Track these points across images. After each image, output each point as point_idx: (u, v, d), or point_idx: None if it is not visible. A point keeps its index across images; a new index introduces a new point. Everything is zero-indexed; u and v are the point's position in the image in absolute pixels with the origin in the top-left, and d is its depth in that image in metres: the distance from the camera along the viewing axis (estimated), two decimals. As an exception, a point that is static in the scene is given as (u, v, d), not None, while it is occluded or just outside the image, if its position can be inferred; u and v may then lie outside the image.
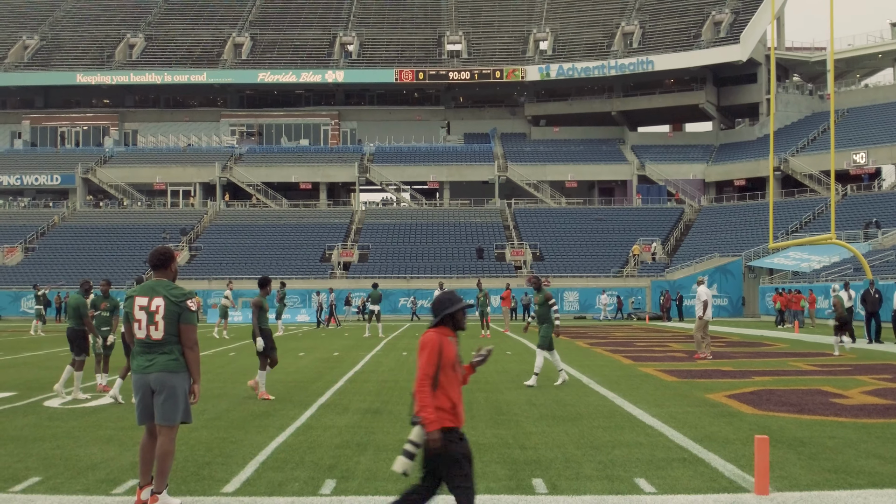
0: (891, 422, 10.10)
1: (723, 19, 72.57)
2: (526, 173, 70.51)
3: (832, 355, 20.58)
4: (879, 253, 46.86)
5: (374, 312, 31.81)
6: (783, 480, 6.99)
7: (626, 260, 58.09)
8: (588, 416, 10.79)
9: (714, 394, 12.87)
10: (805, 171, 65.08)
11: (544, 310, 14.66)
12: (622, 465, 7.71)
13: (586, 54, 75.09)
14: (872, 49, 77.29)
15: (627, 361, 19.13)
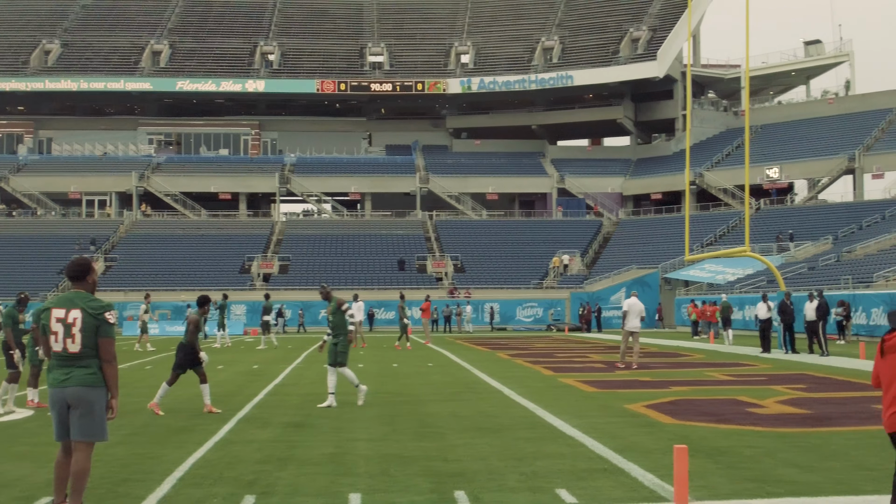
0: (807, 431, 10.34)
1: (640, 36, 73.89)
2: (448, 185, 70.74)
3: (748, 365, 21.02)
4: (792, 265, 48.11)
5: (267, 323, 31.84)
6: (703, 490, 7.10)
7: (547, 272, 58.63)
8: (511, 427, 10.83)
9: (634, 404, 13.03)
10: (720, 186, 66.55)
11: (339, 318, 13.82)
12: (545, 477, 7.75)
13: (507, 68, 75.73)
14: (786, 67, 79.48)
15: (548, 372, 19.27)
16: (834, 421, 11.08)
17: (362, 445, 9.52)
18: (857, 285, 38.06)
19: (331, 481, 7.69)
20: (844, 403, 13.05)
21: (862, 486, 7.21)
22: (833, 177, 64.80)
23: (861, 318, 34.84)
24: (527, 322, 52.57)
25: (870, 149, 64.07)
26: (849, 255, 47.16)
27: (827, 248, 51.68)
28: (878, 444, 9.18)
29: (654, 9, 76.37)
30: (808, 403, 13.05)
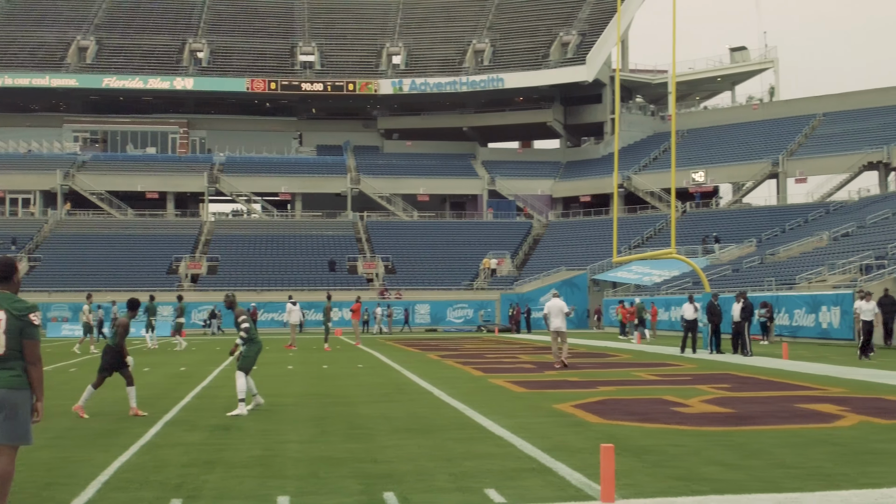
0: (730, 430, 10.54)
1: (570, 40, 74.61)
2: (379, 186, 70.64)
3: (674, 365, 21.36)
4: (717, 267, 49.00)
5: (181, 326, 31.55)
6: (629, 488, 7.20)
7: (477, 273, 58.88)
8: (441, 428, 10.87)
9: (562, 404, 13.16)
10: (647, 189, 67.52)
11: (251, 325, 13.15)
12: (474, 477, 7.79)
13: (439, 70, 75.91)
14: (712, 73, 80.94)
15: (478, 373, 19.36)
16: (757, 420, 11.31)
17: (291, 448, 9.47)
18: (780, 287, 38.92)
19: (259, 484, 7.64)
20: (767, 403, 13.34)
21: (783, 483, 7.38)
22: (757, 181, 66.18)
23: (784, 319, 35.63)
24: (457, 323, 52.76)
25: (793, 154, 65.56)
26: (772, 257, 48.19)
27: (751, 250, 52.74)
28: (800, 443, 9.42)
29: (584, 13, 77.19)
30: (731, 403, 13.31)
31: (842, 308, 32.17)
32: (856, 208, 55.49)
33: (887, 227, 45.09)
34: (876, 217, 48.46)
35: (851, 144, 63.43)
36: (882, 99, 69.19)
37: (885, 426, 10.64)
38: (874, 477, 7.55)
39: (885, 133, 63.19)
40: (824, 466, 8.08)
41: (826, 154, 63.68)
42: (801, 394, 14.60)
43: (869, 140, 63.07)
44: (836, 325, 32.50)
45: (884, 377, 17.37)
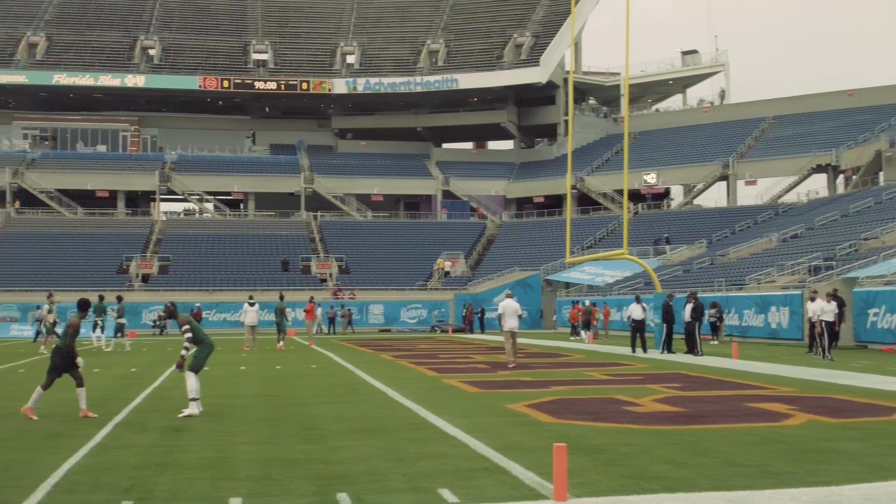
0: (681, 428, 10.66)
1: (524, 42, 74.92)
2: (333, 186, 70.39)
3: (625, 365, 21.54)
4: (668, 268, 49.49)
5: (122, 326, 31.19)
6: (581, 487, 7.26)
7: (431, 273, 58.91)
8: (395, 428, 10.86)
9: (515, 404, 13.21)
10: (600, 190, 68.00)
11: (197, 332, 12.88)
12: (427, 477, 7.80)
13: (393, 70, 75.82)
14: (664, 76, 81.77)
15: (432, 373, 19.37)
16: (707, 419, 11.44)
17: (244, 449, 9.41)
18: (729, 287, 39.41)
19: (211, 486, 7.58)
20: (717, 402, 13.50)
21: (733, 481, 7.48)
22: (708, 183, 66.95)
23: (733, 319, 36.10)
24: (411, 323, 52.73)
25: (743, 156, 66.40)
26: (722, 258, 48.77)
27: (701, 251, 53.34)
28: (749, 441, 9.55)
29: (538, 15, 77.55)
30: (682, 402, 13.46)
31: (790, 308, 32.68)
32: (804, 210, 56.36)
33: (835, 229, 45.86)
34: (824, 219, 49.26)
35: (800, 147, 64.40)
36: (830, 103, 70.36)
37: (834, 425, 10.82)
38: (823, 475, 7.68)
39: (833, 136, 64.24)
40: (774, 465, 8.20)
41: (775, 157, 64.58)
42: (750, 393, 14.79)
43: (817, 143, 64.07)
44: (784, 326, 33.00)
45: (832, 376, 17.66)
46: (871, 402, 13.19)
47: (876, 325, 27.57)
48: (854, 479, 7.49)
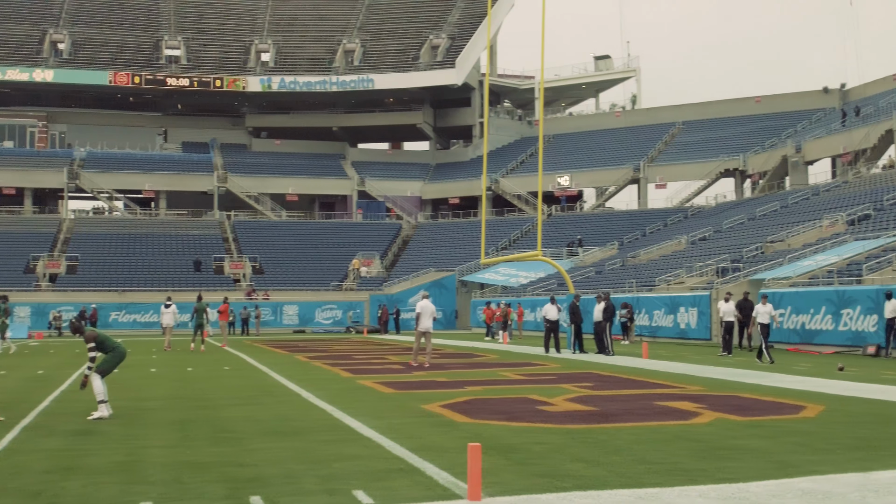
0: (593, 427, 10.80)
1: (440, 44, 75.15)
2: (246, 185, 69.60)
3: (539, 365, 21.74)
4: (581, 269, 50.13)
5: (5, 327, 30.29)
6: (495, 486, 7.30)
7: (346, 274, 58.65)
8: (309, 430, 10.78)
9: (430, 404, 13.23)
10: (514, 192, 68.56)
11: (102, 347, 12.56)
12: (342, 479, 7.76)
13: (309, 69, 75.32)
14: (577, 80, 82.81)
15: (347, 374, 19.29)
16: (618, 417, 11.61)
17: (155, 452, 9.24)
18: (640, 288, 40.09)
19: (121, 490, 7.42)
20: (628, 401, 13.72)
21: (643, 478, 7.60)
22: (619, 186, 68.07)
23: (644, 319, 36.74)
24: (326, 324, 52.46)
25: (653, 160, 67.64)
26: (633, 259, 49.59)
27: (613, 253, 54.16)
28: (659, 439, 9.72)
29: (454, 17, 77.85)
30: (594, 401, 13.64)
31: (699, 309, 33.39)
32: (713, 213, 57.68)
33: (742, 232, 47.01)
34: (732, 222, 50.46)
35: (709, 152, 65.87)
36: (738, 109, 72.15)
37: (740, 423, 11.08)
38: (730, 472, 7.85)
39: (740, 141, 65.88)
40: (683, 462, 8.36)
41: (685, 161, 65.97)
42: (660, 392, 15.07)
43: (725, 148, 65.64)
44: (693, 326, 33.71)
45: (738, 375, 18.09)
46: (777, 400, 13.54)
47: (782, 326, 28.33)
48: (761, 475, 7.67)
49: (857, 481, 7.36)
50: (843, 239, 35.04)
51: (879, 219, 37.81)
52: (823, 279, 30.09)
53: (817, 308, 27.27)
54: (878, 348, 24.60)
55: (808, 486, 7.22)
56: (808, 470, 7.88)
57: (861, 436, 9.92)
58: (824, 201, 47.30)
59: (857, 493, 6.88)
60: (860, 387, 15.46)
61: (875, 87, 66.36)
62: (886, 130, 52.72)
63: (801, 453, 8.79)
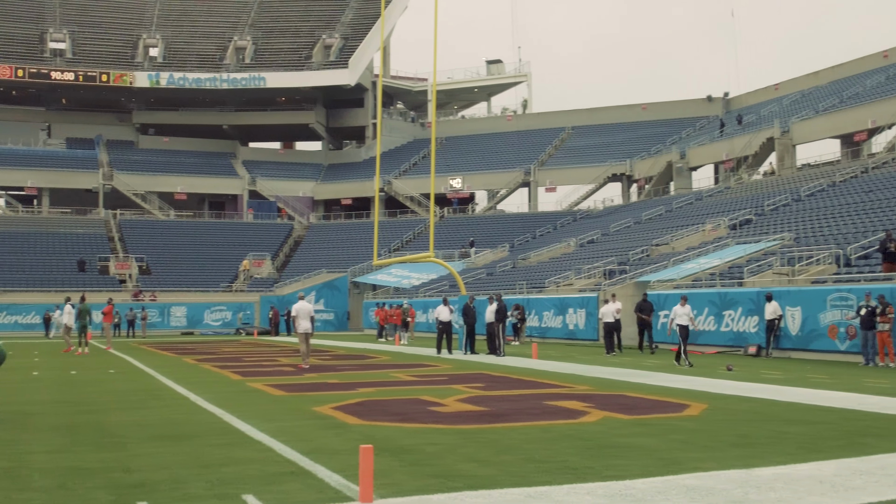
0: (484, 427, 10.90)
1: (333, 43, 74.78)
2: (133, 183, 67.99)
3: (430, 366, 21.84)
4: (472, 271, 50.51)
5: None
6: (387, 487, 7.31)
7: (237, 274, 57.85)
8: (198, 434, 10.61)
9: (321, 406, 13.16)
10: (407, 194, 68.68)
11: None
12: (232, 483, 7.66)
13: (198, 65, 74.00)
14: (470, 84, 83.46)
15: (237, 377, 19.04)
16: (509, 417, 11.74)
17: (38, 458, 8.96)
18: (530, 290, 40.62)
19: (4, 497, 7.18)
20: (518, 400, 13.89)
21: (533, 477, 7.71)
22: (511, 189, 68.85)
23: (534, 320, 37.24)
24: (215, 326, 51.64)
25: (544, 164, 68.64)
26: (524, 261, 50.21)
27: (504, 255, 54.76)
28: (548, 438, 9.87)
29: (347, 17, 77.57)
30: (485, 401, 13.77)
31: (587, 310, 34.02)
32: (600, 217, 58.87)
33: (629, 235, 48.08)
34: (619, 225, 51.57)
35: (597, 157, 67.20)
36: (626, 115, 73.81)
37: (627, 421, 11.34)
38: (617, 469, 8.03)
39: (627, 147, 67.40)
40: (571, 460, 8.51)
41: (574, 165, 67.14)
42: (549, 391, 15.30)
43: (613, 153, 67.05)
44: (581, 327, 34.34)
45: (625, 375, 18.51)
46: (662, 399, 13.90)
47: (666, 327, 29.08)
48: (647, 473, 7.86)
49: (739, 478, 7.61)
50: (726, 243, 36.15)
51: (760, 224, 39.15)
52: (706, 281, 31.00)
53: (700, 309, 28.07)
54: (758, 348, 25.48)
55: (692, 482, 7.43)
56: (692, 467, 8.10)
57: (743, 433, 10.26)
58: (707, 206, 48.74)
59: (740, 490, 7.12)
60: (742, 386, 15.98)
61: (757, 97, 68.77)
62: (767, 138, 54.64)
63: (686, 451, 9.04)
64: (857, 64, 61.63)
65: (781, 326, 24.72)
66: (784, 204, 41.95)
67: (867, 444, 9.36)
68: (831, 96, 56.72)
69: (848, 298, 22.73)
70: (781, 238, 33.22)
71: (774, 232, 35.33)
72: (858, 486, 7.16)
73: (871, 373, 19.00)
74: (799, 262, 28.34)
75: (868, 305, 20.93)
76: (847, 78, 60.36)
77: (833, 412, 12.09)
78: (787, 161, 53.71)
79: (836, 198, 39.20)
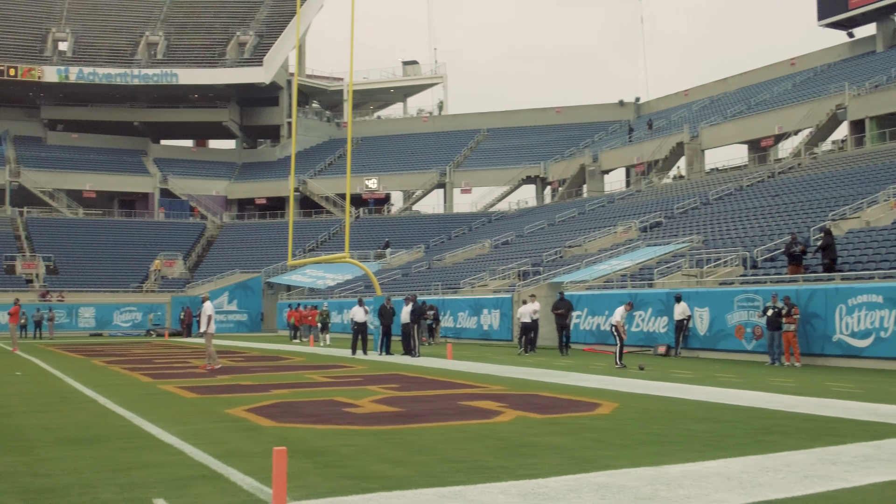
0: (399, 428, 10.92)
1: (248, 41, 73.97)
2: (41, 180, 66.26)
3: (345, 367, 21.78)
4: (388, 272, 50.49)
5: None
6: (301, 490, 7.28)
7: (147, 274, 56.83)
8: (108, 438, 10.41)
9: (234, 408, 13.03)
10: (322, 194, 68.32)
11: None
12: (142, 487, 7.55)
13: (109, 60, 72.47)
14: (386, 84, 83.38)
15: (147, 379, 18.73)
16: (423, 417, 11.79)
17: (-63, 463, 8.71)
18: (445, 291, 40.76)
19: None
20: (433, 401, 13.95)
21: (448, 477, 7.76)
22: (426, 190, 69.01)
23: (449, 321, 37.39)
24: (125, 327, 50.64)
25: (459, 165, 68.96)
26: (439, 262, 50.37)
27: (419, 256, 54.85)
28: (462, 438, 9.94)
29: (262, 15, 76.81)
30: (400, 402, 13.80)
31: (501, 311, 34.30)
32: (515, 218, 59.39)
33: (543, 237, 48.60)
34: (533, 227, 52.09)
35: (512, 159, 67.79)
36: (540, 118, 74.62)
37: (540, 420, 11.48)
38: (530, 468, 8.13)
39: (542, 150, 68.13)
40: (485, 460, 8.58)
41: (489, 167, 67.62)
42: (464, 392, 15.40)
43: (528, 156, 67.72)
44: (496, 327, 34.60)
45: (538, 375, 18.71)
46: (574, 398, 14.10)
47: (578, 327, 29.48)
48: (559, 471, 7.98)
49: (649, 475, 7.78)
50: (636, 245, 36.80)
51: (670, 226, 39.95)
52: (618, 282, 31.53)
53: (612, 310, 28.49)
54: (668, 348, 26.01)
55: (603, 480, 7.56)
56: (603, 465, 8.25)
57: (653, 431, 10.47)
58: (619, 209, 49.55)
59: (650, 487, 7.27)
60: (652, 385, 16.30)
61: (667, 102, 70.20)
62: (677, 143, 55.80)
63: (597, 449, 9.20)
64: (764, 71, 63.37)
65: (690, 327, 25.28)
66: (693, 207, 42.87)
67: (773, 441, 9.63)
68: (739, 103, 58.20)
69: (755, 300, 23.35)
70: (690, 240, 33.95)
71: (684, 234, 36.08)
72: (765, 483, 7.37)
73: (776, 372, 19.55)
74: (707, 263, 29.01)
75: (774, 306, 21.52)
76: (755, 85, 62.02)
77: (740, 410, 12.41)
78: (696, 165, 54.93)
79: (744, 202, 40.20)
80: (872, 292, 20.32)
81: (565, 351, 25.91)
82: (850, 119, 46.02)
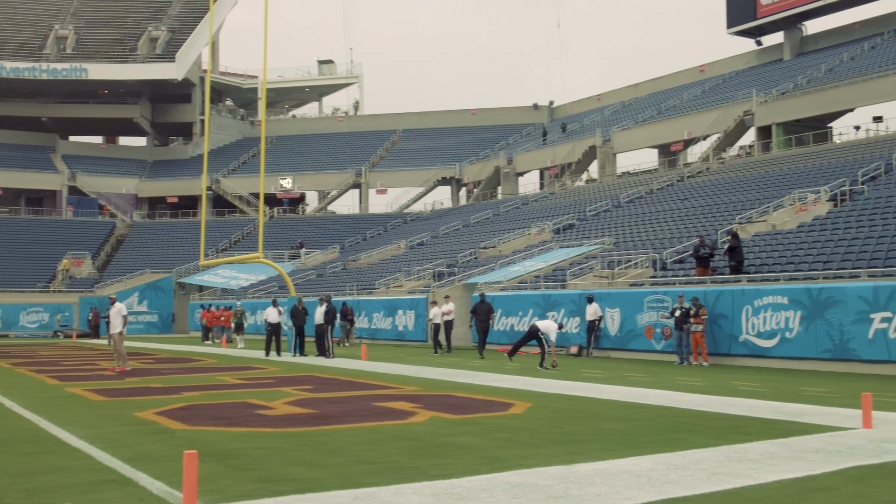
0: (313, 430, 10.87)
1: (159, 36, 72.67)
2: (-59, 177, 64.15)
3: (258, 368, 21.58)
4: (302, 272, 50.17)
5: None
6: (212, 493, 7.20)
7: (55, 274, 55.47)
8: (12, 442, 10.15)
9: (144, 411, 12.82)
10: (236, 193, 67.54)
11: None
12: (49, 492, 7.39)
13: (17, 54, 70.45)
14: (301, 83, 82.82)
15: (54, 382, 18.29)
16: (337, 419, 11.76)
17: None
18: (360, 291, 40.67)
19: None
20: (347, 402, 13.92)
21: (361, 479, 7.75)
22: (342, 190, 68.75)
23: (364, 322, 37.31)
24: (31, 328, 49.34)
25: (375, 166, 68.88)
26: (354, 263, 50.23)
27: (334, 256, 54.63)
28: (377, 440, 9.95)
29: (174, 10, 75.58)
30: (314, 403, 13.73)
31: (416, 312, 34.35)
32: (430, 219, 59.54)
33: (458, 238, 48.82)
34: (448, 228, 52.29)
35: (427, 160, 67.96)
36: (455, 120, 74.99)
37: (454, 421, 11.54)
38: (444, 469, 8.17)
39: (457, 151, 68.45)
40: (399, 461, 8.60)
41: (405, 168, 67.67)
42: (378, 393, 15.40)
43: (443, 157, 67.96)
44: (410, 328, 34.65)
45: (452, 375, 18.81)
46: (488, 398, 14.21)
47: (492, 328, 29.68)
48: (473, 471, 8.04)
49: (561, 473, 7.88)
50: (550, 246, 37.22)
51: (582, 228, 40.51)
52: (531, 283, 31.84)
53: (525, 311, 28.81)
54: (580, 348, 26.39)
55: (516, 479, 7.64)
56: (516, 464, 8.33)
57: (565, 430, 10.62)
58: (533, 211, 50.05)
59: (561, 485, 7.37)
60: (564, 384, 16.52)
61: (580, 106, 71.18)
62: (590, 147, 56.61)
63: (510, 448, 9.29)
64: (674, 77, 64.70)
65: (601, 327, 25.69)
66: (605, 210, 43.53)
67: (682, 439, 9.85)
68: (650, 108, 59.31)
69: (664, 300, 23.83)
70: (602, 242, 34.47)
71: (596, 236, 36.61)
72: (673, 481, 7.53)
73: (685, 371, 19.99)
74: (618, 265, 29.48)
75: (682, 307, 21.99)
76: (665, 91, 63.28)
77: (650, 409, 12.66)
78: (608, 169, 55.80)
79: (654, 205, 40.96)
80: (778, 294, 20.90)
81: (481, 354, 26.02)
82: (758, 125, 47.25)
